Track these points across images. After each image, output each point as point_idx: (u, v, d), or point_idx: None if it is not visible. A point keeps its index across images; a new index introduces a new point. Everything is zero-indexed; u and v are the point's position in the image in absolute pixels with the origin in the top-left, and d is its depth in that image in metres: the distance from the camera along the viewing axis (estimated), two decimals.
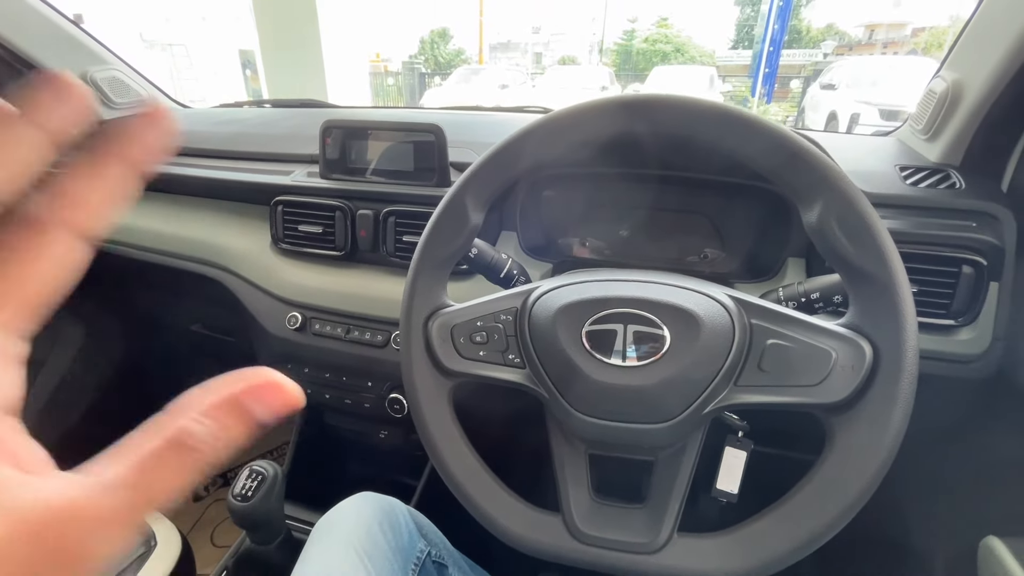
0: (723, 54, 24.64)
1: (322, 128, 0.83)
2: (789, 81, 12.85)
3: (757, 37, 13.48)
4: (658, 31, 25.71)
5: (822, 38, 24.27)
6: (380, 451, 0.93)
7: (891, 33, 24.34)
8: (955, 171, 0.69)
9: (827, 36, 24.78)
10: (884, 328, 0.41)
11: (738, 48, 24.96)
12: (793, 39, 22.03)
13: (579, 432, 0.47)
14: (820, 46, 22.04)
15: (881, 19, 25.56)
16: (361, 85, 4.90)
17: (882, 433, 0.40)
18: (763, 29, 11.42)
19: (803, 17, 23.90)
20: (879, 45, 23.20)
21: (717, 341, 0.43)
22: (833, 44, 22.77)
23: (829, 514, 0.41)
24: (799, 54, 19.12)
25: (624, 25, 27.85)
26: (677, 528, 0.46)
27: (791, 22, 17.52)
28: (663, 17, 26.53)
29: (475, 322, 0.49)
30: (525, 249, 0.80)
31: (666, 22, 26.28)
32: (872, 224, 0.40)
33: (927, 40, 19.49)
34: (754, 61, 12.28)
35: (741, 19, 26.29)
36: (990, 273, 0.61)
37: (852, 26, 26.82)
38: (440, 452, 0.49)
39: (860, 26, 26.44)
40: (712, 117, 0.43)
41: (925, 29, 21.91)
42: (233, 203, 0.95)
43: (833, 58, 16.15)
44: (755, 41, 14.61)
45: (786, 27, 11.65)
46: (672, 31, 25.57)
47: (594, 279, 0.48)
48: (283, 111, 1.25)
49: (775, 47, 10.82)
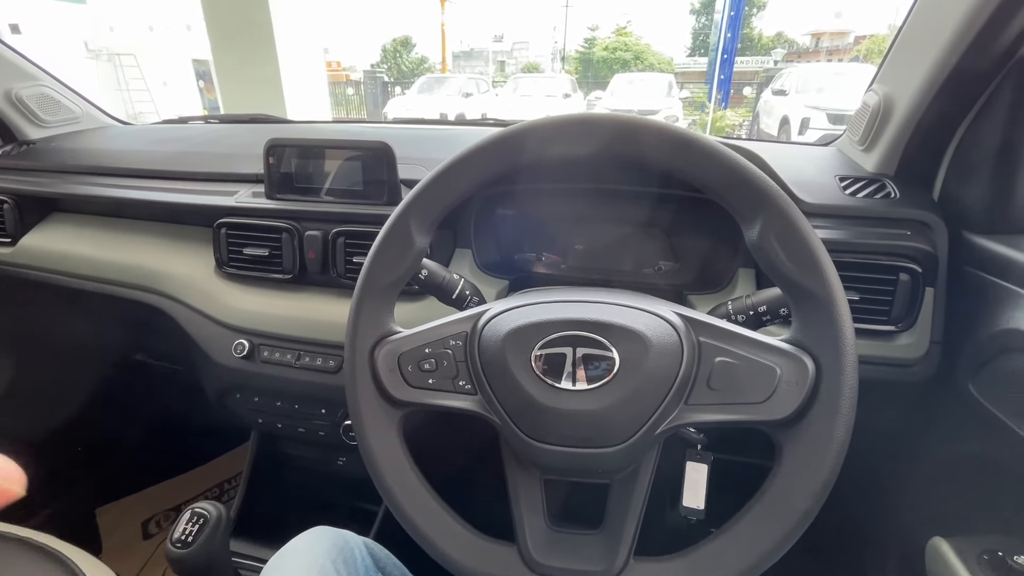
0: (680, 61, 25.41)
1: (266, 147, 0.80)
2: (743, 87, 13.35)
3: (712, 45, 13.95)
4: (618, 39, 26.30)
5: (772, 46, 25.33)
6: (339, 478, 0.90)
7: (835, 41, 25.63)
8: (890, 181, 0.72)
9: (777, 44, 25.87)
10: (824, 343, 0.41)
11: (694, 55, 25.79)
12: (746, 47, 22.93)
13: (533, 458, 0.46)
14: (771, 53, 23.00)
15: (825, 28, 26.91)
16: (321, 95, 4.81)
17: (826, 448, 0.40)
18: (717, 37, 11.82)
19: (754, 26, 24.90)
20: (824, 52, 24.38)
21: (666, 360, 0.43)
22: (783, 52, 23.80)
23: (780, 531, 0.41)
24: (752, 61, 19.91)
25: (585, 33, 28.41)
26: (633, 553, 0.45)
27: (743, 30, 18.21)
28: (622, 25, 27.18)
29: (423, 349, 0.47)
30: (480, 266, 0.79)
31: (625, 30, 26.93)
32: (810, 242, 0.41)
33: (868, 47, 20.59)
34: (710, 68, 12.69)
35: (696, 28, 27.19)
36: (925, 279, 0.63)
37: (799, 34, 28.15)
38: (388, 486, 0.47)
39: (807, 34, 27.76)
40: (652, 136, 0.43)
41: (866, 37, 23.16)
42: (174, 226, 0.91)
43: (783, 65, 16.88)
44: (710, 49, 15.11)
45: (738, 35, 12.10)
46: (631, 39, 26.20)
47: (543, 300, 0.47)
48: (230, 127, 1.20)
49: (729, 55, 11.22)
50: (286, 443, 0.92)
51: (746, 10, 17.40)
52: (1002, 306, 0.57)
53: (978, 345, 0.60)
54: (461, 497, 0.49)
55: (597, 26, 28.51)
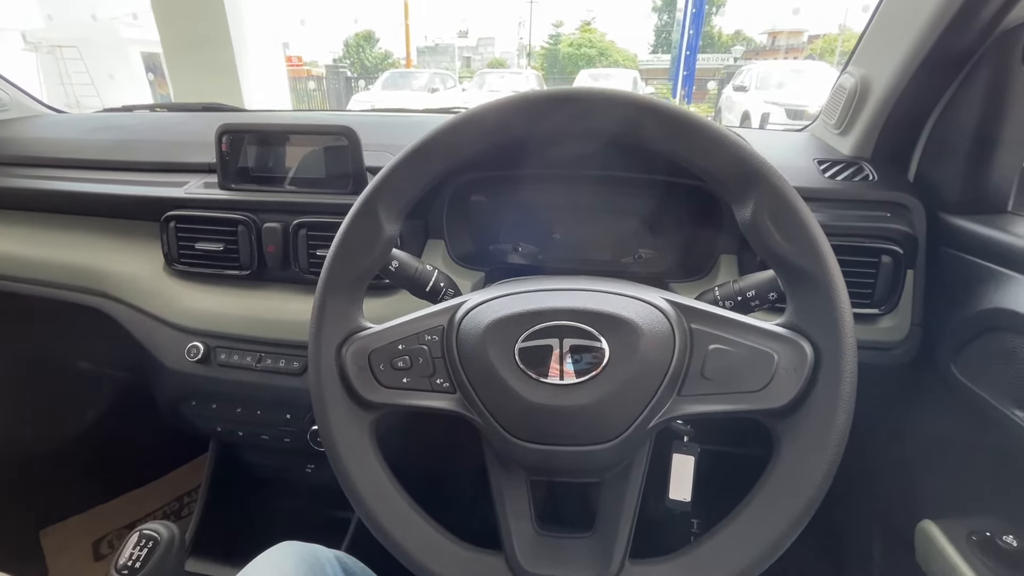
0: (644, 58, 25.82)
1: (218, 132, 0.74)
2: (706, 83, 13.65)
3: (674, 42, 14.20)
4: (582, 35, 26.50)
5: (732, 43, 26.01)
6: (307, 487, 0.85)
7: (791, 40, 26.51)
8: (867, 163, 0.72)
9: (736, 42, 26.58)
10: (823, 326, 0.39)
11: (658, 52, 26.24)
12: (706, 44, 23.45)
13: (518, 458, 0.43)
14: (731, 50, 23.62)
15: (782, 27, 27.79)
16: (281, 90, 4.63)
17: (827, 436, 0.38)
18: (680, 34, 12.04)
19: (714, 23, 25.51)
20: (781, 50, 25.20)
21: (658, 350, 0.41)
22: (742, 49, 24.49)
23: (782, 524, 0.39)
24: (713, 58, 20.39)
25: (549, 29, 28.50)
26: (628, 555, 0.42)
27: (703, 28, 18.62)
28: (586, 21, 27.40)
29: (396, 345, 0.43)
30: (454, 257, 0.75)
31: (589, 26, 27.14)
32: (806, 221, 0.39)
33: (821, 46, 21.40)
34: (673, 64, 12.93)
35: (659, 25, 27.65)
36: (906, 261, 0.63)
37: (757, 32, 29.01)
38: (362, 496, 0.43)
39: (764, 33, 28.63)
40: (636, 112, 0.40)
41: (820, 36, 24.06)
42: (117, 221, 0.83)
43: (743, 62, 17.36)
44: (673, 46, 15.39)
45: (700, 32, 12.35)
46: (596, 35, 26.44)
47: (525, 290, 0.44)
48: (180, 115, 1.12)
49: (691, 51, 11.44)
50: (248, 452, 0.86)
51: (707, 8, 17.79)
52: (982, 286, 0.57)
53: (959, 326, 0.60)
54: (441, 504, 0.46)
55: (562, 22, 28.63)
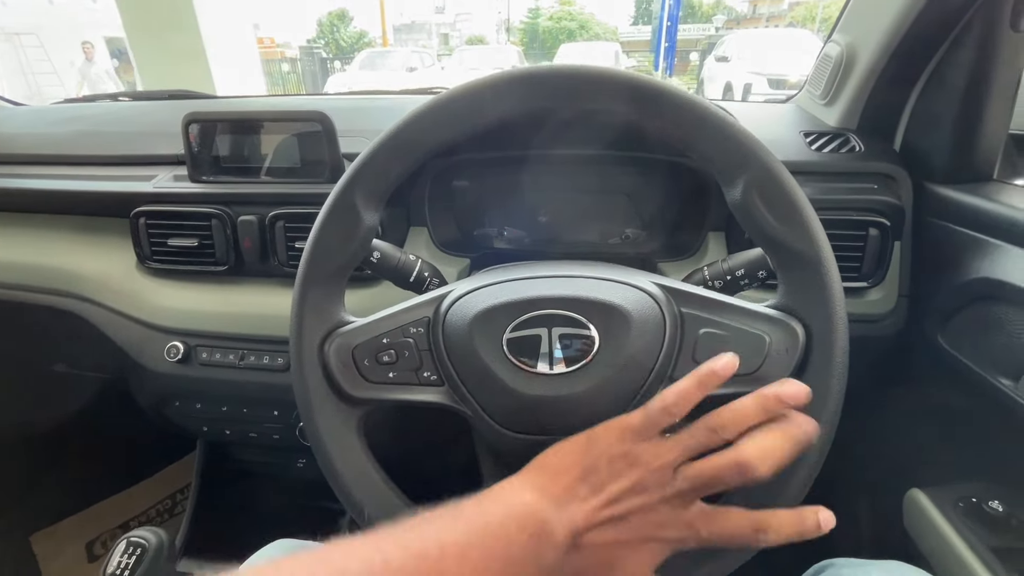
0: (625, 30, 25.42)
1: (184, 122, 0.71)
2: (688, 54, 13.51)
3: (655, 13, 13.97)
4: (562, 8, 25.98)
5: (713, 13, 25.68)
6: (299, 483, 0.84)
7: (772, 7, 26.24)
8: (853, 135, 0.71)
9: (717, 11, 26.25)
10: (814, 307, 0.39)
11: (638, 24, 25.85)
12: (687, 14, 23.17)
13: (509, 450, 0.42)
14: (712, 20, 23.33)
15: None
16: (253, 72, 4.49)
17: (820, 415, 0.38)
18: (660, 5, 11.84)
19: None
20: (763, 19, 24.95)
21: (648, 336, 0.40)
22: (723, 18, 24.19)
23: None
24: (693, 29, 20.13)
25: (528, 3, 27.86)
26: None
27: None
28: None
29: (380, 339, 0.42)
30: (438, 245, 0.73)
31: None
32: (797, 201, 0.38)
33: (803, 14, 21.23)
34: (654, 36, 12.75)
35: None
36: (893, 233, 0.63)
37: (738, 1, 28.61)
38: (353, 496, 0.42)
39: (745, 0, 28.26)
40: (619, 89, 0.38)
41: (801, 2, 23.84)
42: (82, 218, 0.79)
43: (724, 32, 17.16)
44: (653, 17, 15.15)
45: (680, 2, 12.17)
46: (575, 8, 25.94)
47: (511, 278, 0.43)
48: (145, 104, 1.07)
49: (672, 22, 11.28)
50: (237, 450, 0.85)
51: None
52: (969, 255, 0.57)
53: (946, 296, 0.60)
54: (433, 499, 0.45)
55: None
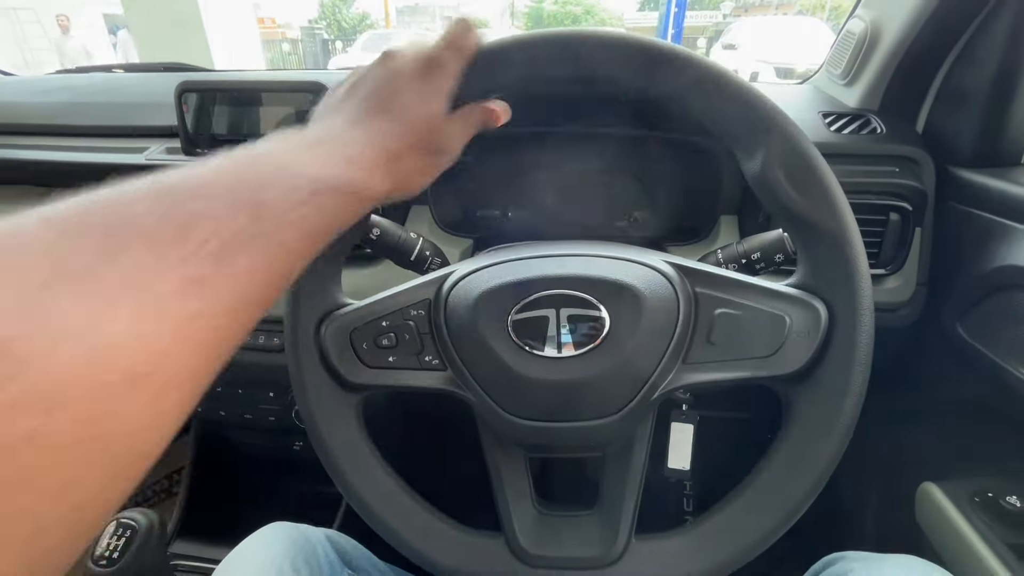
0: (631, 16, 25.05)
1: (178, 91, 0.68)
2: (695, 41, 13.33)
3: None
4: None
5: None
6: (294, 465, 0.82)
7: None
8: (874, 116, 0.68)
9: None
10: (837, 286, 0.37)
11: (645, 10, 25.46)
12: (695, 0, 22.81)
13: (515, 437, 0.41)
14: (720, 7, 22.97)
15: None
16: (253, 52, 4.42)
17: (843, 400, 0.36)
18: None
19: None
20: (772, 6, 24.56)
21: (661, 317, 0.38)
22: (731, 5, 23.80)
23: (797, 493, 0.37)
24: (701, 15, 19.84)
25: None
26: (634, 531, 0.41)
27: None
28: None
29: (380, 322, 0.40)
30: (440, 224, 0.71)
31: None
32: (821, 172, 0.36)
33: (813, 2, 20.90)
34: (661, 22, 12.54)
35: None
36: (915, 218, 0.60)
37: None
38: (352, 484, 0.41)
39: None
40: (632, 53, 0.36)
41: None
42: (71, 191, 0.77)
43: (732, 19, 16.92)
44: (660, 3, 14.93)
45: None
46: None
47: (517, 257, 0.41)
48: (139, 76, 1.04)
49: (680, 8, 11.09)
50: (232, 431, 0.83)
51: None
52: (993, 242, 0.55)
53: (967, 285, 0.58)
54: (433, 487, 0.43)
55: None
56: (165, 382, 0.19)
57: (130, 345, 0.18)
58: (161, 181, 0.22)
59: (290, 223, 0.25)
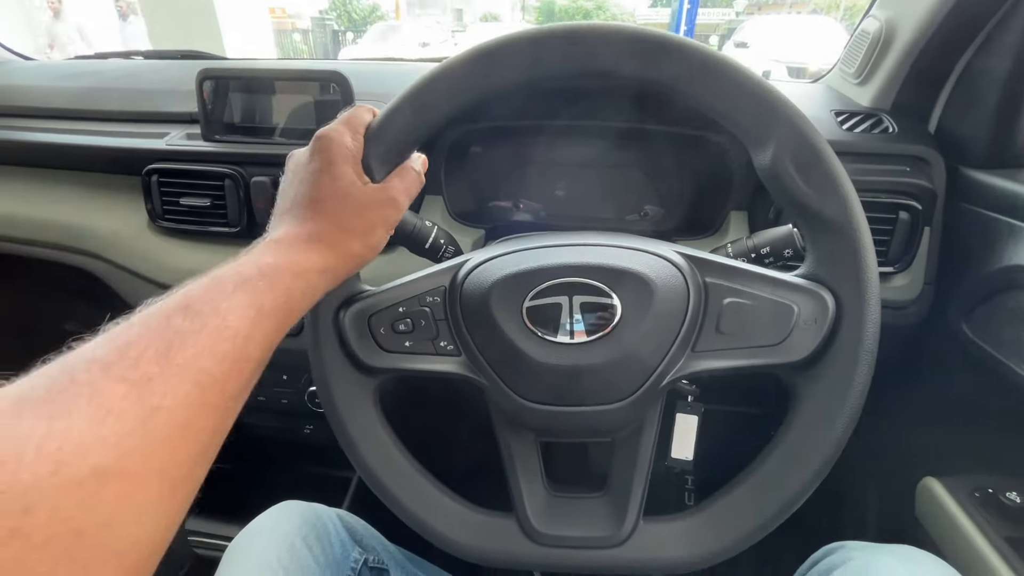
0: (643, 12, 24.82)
1: (199, 78, 0.69)
2: (708, 39, 13.22)
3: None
4: None
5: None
6: (306, 447, 0.84)
7: None
8: (886, 115, 0.68)
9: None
10: (845, 276, 0.38)
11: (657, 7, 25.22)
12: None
13: (527, 421, 0.42)
14: (732, 5, 22.72)
15: None
16: (265, 42, 4.43)
17: (848, 388, 0.37)
18: None
19: None
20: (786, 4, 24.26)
21: (671, 305, 0.39)
22: (744, 2, 23.53)
23: (801, 479, 0.38)
24: (714, 12, 19.64)
25: None
26: (642, 513, 0.42)
27: None
28: None
29: (397, 307, 0.42)
30: (453, 214, 0.72)
31: None
32: (831, 165, 0.37)
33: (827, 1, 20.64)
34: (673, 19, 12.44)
35: None
36: (924, 217, 0.61)
37: None
38: (369, 464, 0.42)
39: None
40: (648, 47, 0.36)
41: None
42: (95, 175, 0.78)
43: (745, 16, 16.75)
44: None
45: None
46: None
47: (531, 246, 0.42)
48: (156, 63, 1.05)
49: (692, 5, 10.99)
50: (245, 412, 0.84)
51: None
52: (1001, 243, 0.56)
53: (973, 284, 0.58)
54: (448, 468, 0.45)
55: None
56: (135, 475, 0.22)
57: (93, 444, 0.21)
58: (116, 324, 0.26)
59: (228, 309, 0.28)
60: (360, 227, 0.37)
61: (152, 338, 0.25)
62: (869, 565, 0.42)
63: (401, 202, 0.39)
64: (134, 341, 0.24)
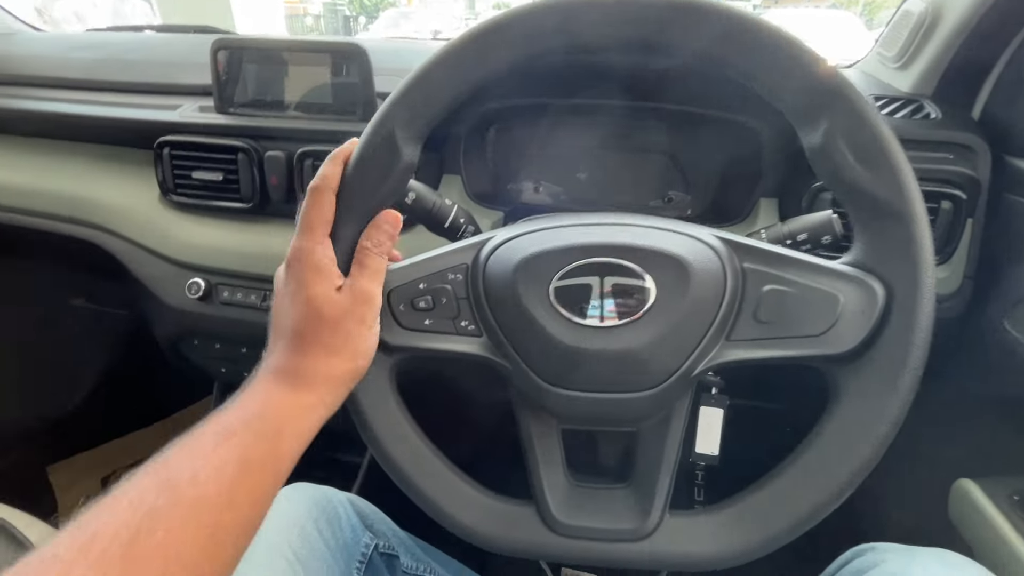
0: None
1: (213, 49, 0.67)
2: None
3: None
4: None
5: None
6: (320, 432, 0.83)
7: None
8: (928, 101, 0.65)
9: None
10: (899, 265, 0.35)
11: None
12: None
13: (550, 407, 0.40)
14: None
15: None
16: (277, 24, 4.40)
17: (897, 383, 0.35)
18: None
19: None
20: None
21: (707, 291, 0.37)
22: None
23: (840, 477, 0.36)
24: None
25: None
26: (668, 507, 0.40)
27: None
28: None
29: (417, 284, 0.40)
30: (471, 195, 0.70)
31: None
32: (888, 144, 0.34)
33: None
34: None
35: None
36: (967, 208, 0.58)
37: None
38: (384, 445, 0.40)
39: None
40: (684, 12, 0.34)
41: None
42: (106, 147, 0.77)
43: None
44: None
45: None
46: None
47: (560, 224, 0.40)
48: (169, 36, 1.03)
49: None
50: None
51: None
52: None
53: (1018, 279, 0.55)
54: (467, 453, 0.43)
55: None
56: None
57: None
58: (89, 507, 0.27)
59: (207, 476, 0.29)
60: (340, 342, 0.36)
61: (119, 526, 0.25)
62: (907, 568, 0.40)
63: (369, 291, 0.37)
64: (100, 531, 0.25)
